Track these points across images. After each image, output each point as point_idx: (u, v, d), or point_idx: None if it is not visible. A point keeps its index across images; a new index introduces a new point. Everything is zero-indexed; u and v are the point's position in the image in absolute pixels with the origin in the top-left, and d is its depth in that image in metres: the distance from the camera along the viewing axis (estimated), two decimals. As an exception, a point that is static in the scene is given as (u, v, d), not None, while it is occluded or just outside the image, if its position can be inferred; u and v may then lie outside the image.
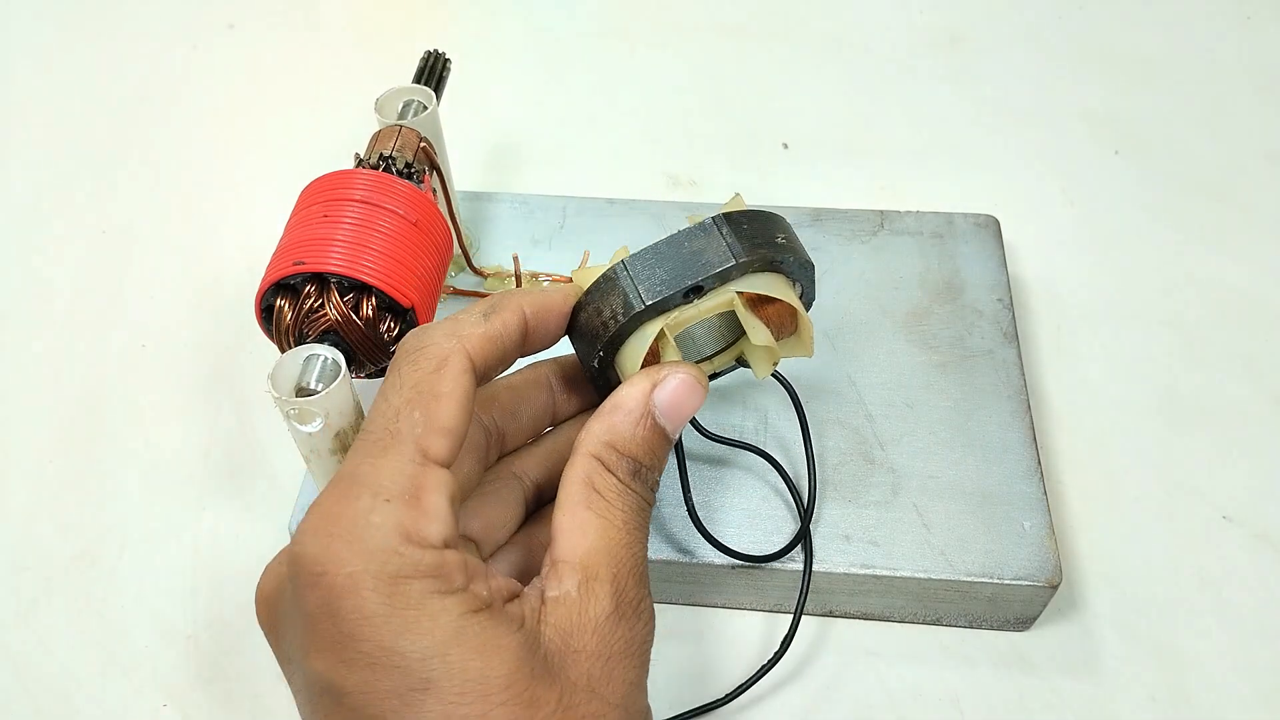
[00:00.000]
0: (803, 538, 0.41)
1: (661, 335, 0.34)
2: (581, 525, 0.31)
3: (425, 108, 0.46)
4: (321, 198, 0.40)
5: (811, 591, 0.43)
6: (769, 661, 0.40)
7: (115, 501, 0.48)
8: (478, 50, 0.70)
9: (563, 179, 0.63)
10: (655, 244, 0.34)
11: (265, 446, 0.50)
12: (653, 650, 0.32)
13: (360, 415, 0.38)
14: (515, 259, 0.50)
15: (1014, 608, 0.43)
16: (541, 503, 0.37)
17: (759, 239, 0.34)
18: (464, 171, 0.59)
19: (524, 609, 0.29)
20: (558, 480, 0.37)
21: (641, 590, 0.31)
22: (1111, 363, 0.53)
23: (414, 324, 0.40)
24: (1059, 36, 0.72)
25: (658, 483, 0.34)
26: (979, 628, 0.44)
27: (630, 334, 0.34)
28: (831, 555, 0.42)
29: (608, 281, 0.34)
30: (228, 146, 0.65)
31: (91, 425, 0.51)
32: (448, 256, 0.43)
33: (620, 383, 0.34)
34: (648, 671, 0.31)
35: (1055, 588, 0.41)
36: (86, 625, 0.45)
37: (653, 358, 0.34)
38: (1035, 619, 0.43)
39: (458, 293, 0.51)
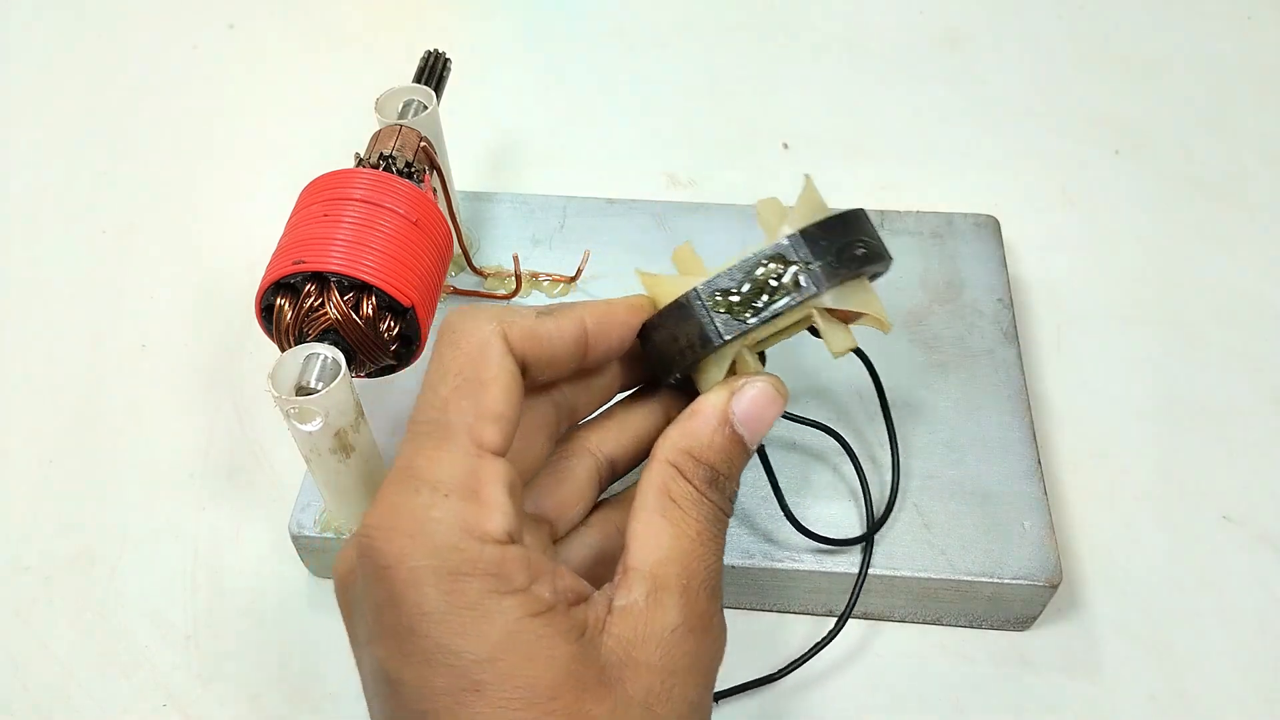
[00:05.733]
0: (872, 531, 0.41)
1: (740, 355, 0.33)
2: (655, 533, 0.30)
3: (425, 107, 0.46)
4: (322, 197, 0.40)
5: (811, 592, 0.43)
6: (832, 630, 0.40)
7: (115, 501, 0.48)
8: (478, 50, 0.70)
9: (563, 179, 0.63)
10: (729, 270, 0.32)
11: (265, 446, 0.50)
12: None
13: (360, 415, 0.38)
14: (515, 259, 0.50)
15: (1014, 608, 0.43)
16: (615, 476, 0.37)
17: (840, 258, 0.32)
18: (464, 171, 0.58)
19: (588, 615, 0.29)
20: (629, 454, 0.36)
21: (713, 605, 0.30)
22: (1111, 363, 0.53)
23: (414, 323, 0.40)
24: (1059, 36, 0.72)
25: (735, 494, 0.32)
26: (979, 628, 0.44)
27: (706, 358, 0.33)
28: (832, 555, 0.42)
29: (682, 310, 0.32)
30: (228, 146, 0.65)
31: (91, 425, 0.51)
32: (448, 256, 0.43)
33: (696, 386, 0.33)
34: (713, 692, 0.30)
35: (1055, 588, 0.41)
36: (86, 625, 0.45)
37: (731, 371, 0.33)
38: (1035, 619, 0.43)
39: (458, 292, 0.51)
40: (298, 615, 0.45)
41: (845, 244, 0.32)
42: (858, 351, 0.36)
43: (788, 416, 0.41)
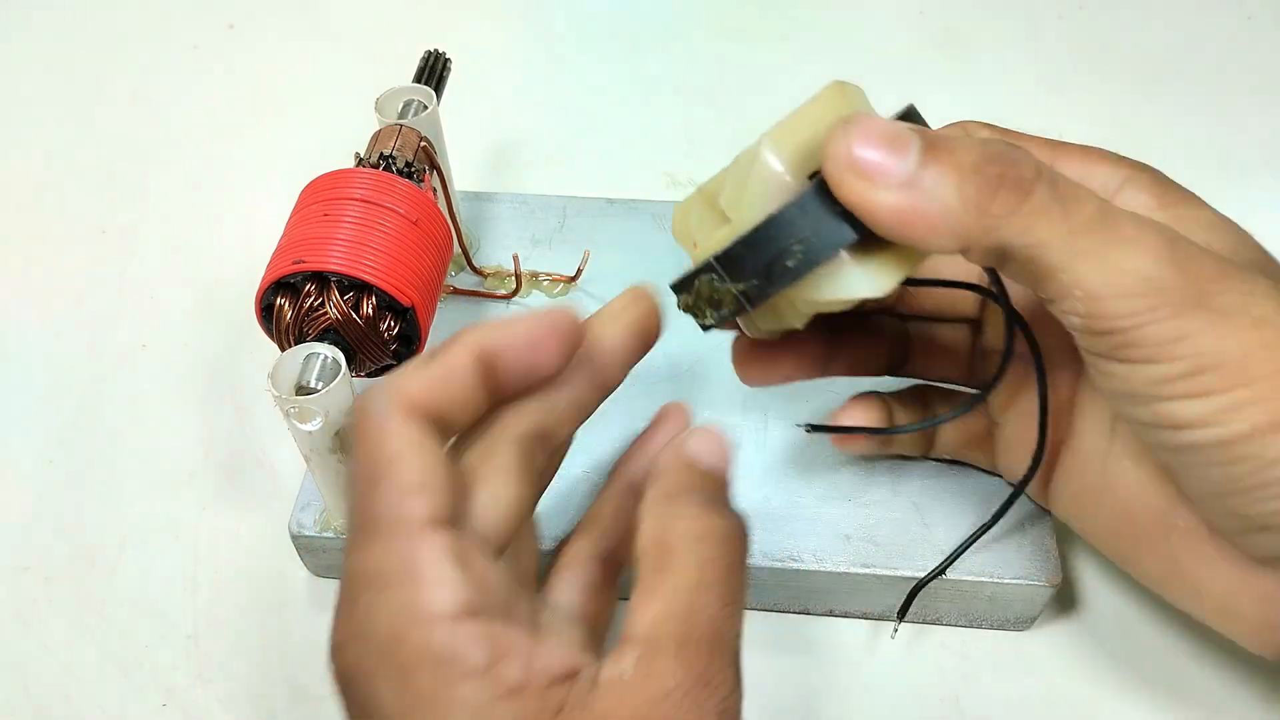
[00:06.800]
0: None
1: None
2: (650, 589, 0.28)
3: (425, 107, 0.46)
4: (322, 197, 0.40)
5: (810, 591, 0.43)
6: (990, 520, 0.41)
7: (115, 501, 0.48)
8: (478, 50, 0.70)
9: (563, 179, 0.63)
10: (688, 273, 0.33)
11: (265, 446, 0.50)
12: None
13: (360, 415, 0.38)
14: (515, 259, 0.50)
15: (1014, 608, 0.43)
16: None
17: (769, 276, 0.31)
18: (464, 171, 0.58)
19: (569, 695, 0.26)
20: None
21: (711, 658, 0.27)
22: (1111, 363, 0.53)
23: (414, 323, 0.40)
24: (1059, 36, 0.72)
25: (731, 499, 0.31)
26: (979, 628, 0.44)
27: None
28: (832, 555, 0.42)
29: (677, 285, 0.34)
30: (228, 146, 0.65)
31: (91, 425, 0.51)
32: (448, 256, 0.43)
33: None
34: None
35: (1055, 588, 0.41)
36: (86, 625, 0.45)
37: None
38: (1035, 619, 0.43)
39: (458, 292, 0.51)
40: (298, 615, 0.45)
41: (774, 257, 0.30)
42: (1016, 318, 0.35)
43: (926, 283, 0.40)
